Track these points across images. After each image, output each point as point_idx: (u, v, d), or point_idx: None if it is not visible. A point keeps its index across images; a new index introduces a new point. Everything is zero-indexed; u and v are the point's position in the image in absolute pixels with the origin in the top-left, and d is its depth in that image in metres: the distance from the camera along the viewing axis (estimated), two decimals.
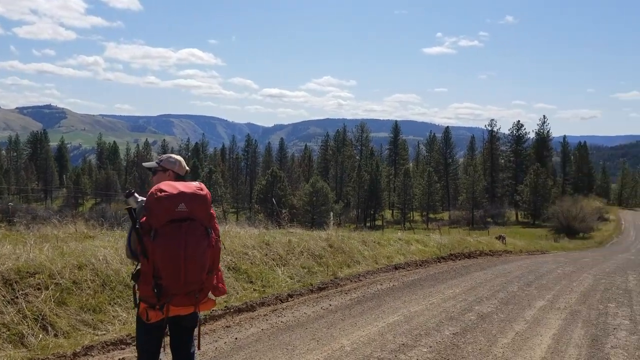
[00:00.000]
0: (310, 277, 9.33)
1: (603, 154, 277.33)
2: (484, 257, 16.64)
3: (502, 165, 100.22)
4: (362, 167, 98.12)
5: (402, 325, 6.41)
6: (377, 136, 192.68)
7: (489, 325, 6.64)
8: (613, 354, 5.58)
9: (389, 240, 14.63)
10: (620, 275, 13.46)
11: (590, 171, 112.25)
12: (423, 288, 9.25)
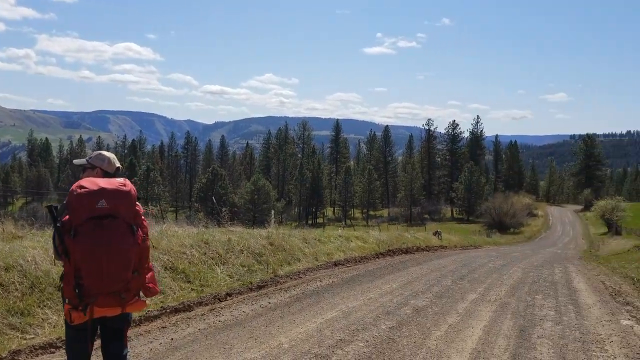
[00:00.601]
0: (250, 275, 9.29)
1: (532, 153, 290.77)
2: (420, 252, 17.09)
3: (439, 164, 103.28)
4: (304, 165, 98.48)
5: (340, 321, 6.51)
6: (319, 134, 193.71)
7: (423, 318, 6.84)
8: (539, 343, 5.87)
9: (329, 238, 14.76)
10: (547, 268, 14.18)
11: (520, 169, 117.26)
12: (361, 284, 9.41)
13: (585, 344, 5.89)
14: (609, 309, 8.02)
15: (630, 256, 20.16)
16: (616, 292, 9.88)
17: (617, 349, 5.71)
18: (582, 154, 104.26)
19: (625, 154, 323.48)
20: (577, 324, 6.84)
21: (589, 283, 11.04)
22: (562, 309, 7.92)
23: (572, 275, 12.64)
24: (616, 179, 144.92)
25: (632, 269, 14.83)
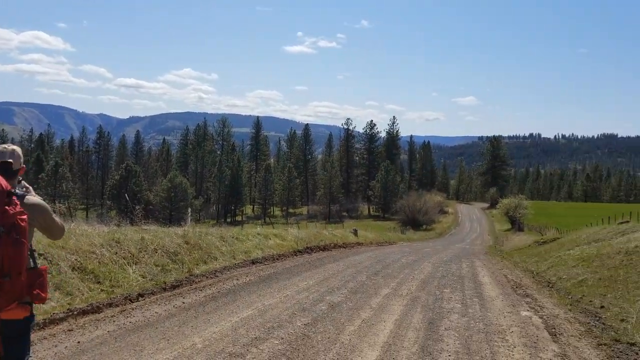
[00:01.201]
0: (164, 275, 9.05)
1: (444, 153, 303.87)
2: (337, 249, 17.40)
3: (357, 162, 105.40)
4: (224, 163, 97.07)
5: (255, 319, 6.50)
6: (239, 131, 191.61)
7: (338, 314, 6.98)
8: (446, 335, 6.17)
9: (247, 236, 14.67)
10: (455, 263, 14.88)
11: (433, 168, 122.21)
12: (279, 281, 9.44)
13: (488, 334, 6.25)
14: (511, 301, 8.56)
15: (530, 251, 21.56)
16: (517, 285, 10.56)
17: (516, 339, 6.11)
18: (489, 154, 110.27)
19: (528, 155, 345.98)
20: (481, 316, 7.25)
21: (493, 277, 11.71)
22: (468, 301, 8.35)
23: (478, 269, 13.35)
24: (519, 178, 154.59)
25: (532, 263, 15.90)
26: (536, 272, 13.52)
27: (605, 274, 11.03)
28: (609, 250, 13.22)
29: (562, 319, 7.31)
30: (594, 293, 9.78)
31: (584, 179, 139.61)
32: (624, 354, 5.80)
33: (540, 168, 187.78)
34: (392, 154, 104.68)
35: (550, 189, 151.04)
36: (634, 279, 10.01)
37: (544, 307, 8.16)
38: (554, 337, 6.26)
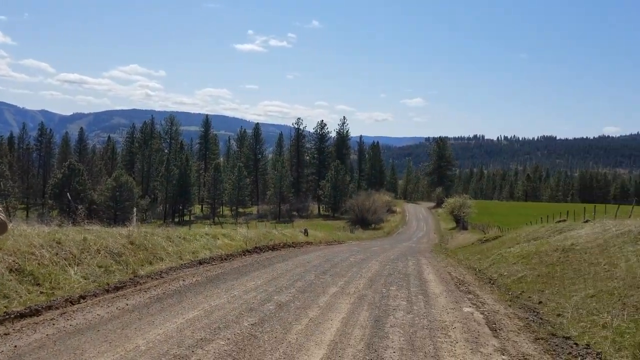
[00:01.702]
0: (107, 276, 8.82)
1: (393, 153, 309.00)
2: (287, 248, 17.40)
3: (307, 162, 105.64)
4: (171, 161, 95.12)
5: (202, 320, 6.43)
6: (188, 130, 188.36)
7: (286, 313, 6.99)
8: (391, 332, 6.29)
9: (195, 236, 14.48)
10: (402, 261, 15.17)
11: (381, 168, 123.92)
12: (226, 281, 9.36)
13: (431, 330, 6.42)
14: (454, 297, 8.80)
15: (474, 249, 22.24)
16: (460, 281, 10.87)
17: (459, 334, 6.29)
18: (435, 155, 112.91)
19: (472, 156, 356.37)
20: (425, 313, 7.43)
21: (437, 274, 12.01)
22: (413, 298, 8.54)
23: (423, 267, 13.65)
24: (464, 178, 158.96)
25: (475, 260, 16.41)
26: (479, 269, 13.95)
27: (543, 271, 11.51)
28: (547, 247, 13.80)
29: (502, 315, 7.59)
30: (532, 289, 10.19)
31: (524, 179, 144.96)
32: (560, 347, 6.08)
33: (484, 168, 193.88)
34: (342, 154, 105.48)
35: (493, 188, 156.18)
36: (570, 275, 10.49)
37: (486, 303, 8.44)
38: (494, 332, 6.49)
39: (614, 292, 8.24)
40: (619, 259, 10.41)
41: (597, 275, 9.80)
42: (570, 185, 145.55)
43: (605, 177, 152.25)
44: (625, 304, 7.55)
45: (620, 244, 11.54)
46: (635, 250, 10.29)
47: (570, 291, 9.25)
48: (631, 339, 5.98)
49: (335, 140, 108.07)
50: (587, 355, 5.80)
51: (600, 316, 7.31)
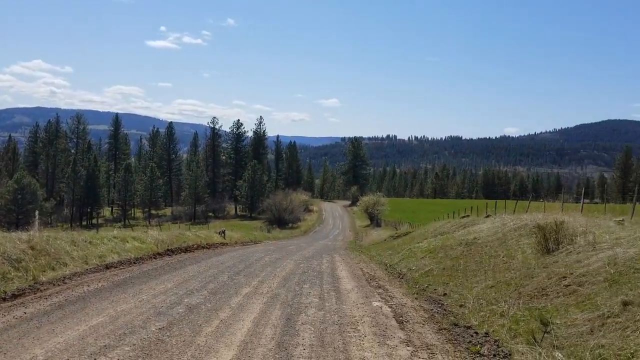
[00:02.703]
0: (4, 283, 8.26)
1: (310, 153, 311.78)
2: (201, 250, 17.07)
3: (223, 162, 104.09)
4: (78, 162, 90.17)
5: (106, 326, 6.17)
6: (96, 129, 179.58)
7: (196, 316, 6.87)
8: (302, 329, 6.35)
9: (102, 239, 13.86)
10: (316, 259, 15.35)
11: (299, 168, 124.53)
12: (134, 285, 9.04)
13: (341, 326, 6.55)
14: (364, 293, 9.04)
15: (386, 245, 22.94)
16: (372, 277, 11.17)
17: (367, 329, 6.47)
18: (351, 154, 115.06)
19: (385, 155, 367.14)
20: (336, 309, 7.57)
21: (350, 271, 12.27)
22: (326, 295, 8.67)
23: (337, 264, 13.91)
24: (378, 177, 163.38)
25: (386, 256, 16.93)
26: (390, 264, 14.41)
27: (448, 264, 12.08)
28: (452, 242, 14.50)
29: (409, 307, 7.89)
30: (438, 282, 10.67)
31: (433, 177, 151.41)
32: (461, 337, 6.41)
33: (396, 167, 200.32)
34: (259, 154, 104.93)
35: (404, 186, 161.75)
36: (472, 268, 11.08)
37: (394, 297, 8.73)
38: (401, 324, 6.73)
39: (511, 283, 8.81)
40: (516, 251, 11.14)
41: (496, 267, 10.43)
42: (475, 183, 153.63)
43: (506, 174, 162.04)
44: (521, 293, 8.09)
45: (517, 237, 12.35)
46: (530, 243, 11.04)
47: (472, 283, 9.78)
48: (525, 325, 6.41)
49: (252, 139, 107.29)
50: (486, 342, 6.16)
51: (498, 305, 7.79)
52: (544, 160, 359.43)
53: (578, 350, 5.31)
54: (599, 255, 8.11)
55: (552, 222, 10.06)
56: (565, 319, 6.31)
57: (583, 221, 10.97)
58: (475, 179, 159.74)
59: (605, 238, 9.52)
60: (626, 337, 5.28)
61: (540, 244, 10.07)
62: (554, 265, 8.70)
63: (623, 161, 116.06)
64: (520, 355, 5.50)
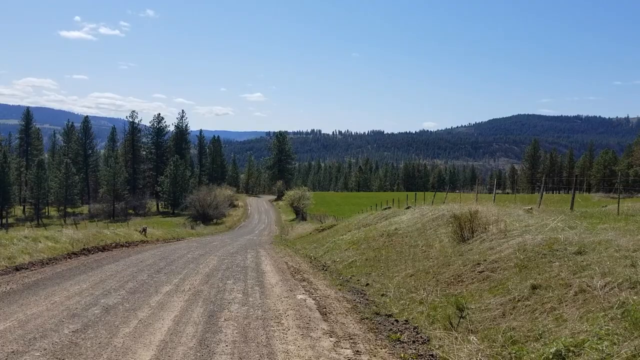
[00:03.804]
0: None
1: (234, 147, 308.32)
2: (120, 249, 16.45)
3: (144, 157, 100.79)
4: None
5: (14, 331, 5.79)
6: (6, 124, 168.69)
7: (113, 317, 6.60)
8: (225, 325, 6.26)
9: (12, 239, 13.04)
10: (241, 254, 15.21)
11: (223, 163, 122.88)
12: (46, 287, 8.55)
13: (265, 320, 6.52)
14: (289, 286, 9.05)
15: (311, 238, 23.10)
16: (296, 270, 11.21)
17: (291, 322, 6.48)
18: (276, 149, 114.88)
19: (310, 150, 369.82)
20: (260, 303, 7.53)
21: (275, 265, 12.25)
22: (250, 290, 8.61)
23: (262, 259, 13.84)
24: (303, 171, 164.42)
25: (311, 249, 17.05)
26: (314, 257, 14.54)
27: (371, 255, 12.35)
28: (374, 233, 14.83)
29: (333, 299, 7.98)
30: (361, 272, 10.88)
31: (357, 171, 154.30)
32: (382, 325, 6.57)
33: (321, 162, 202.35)
34: (182, 149, 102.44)
35: (329, 180, 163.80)
36: (393, 258, 11.39)
37: (318, 289, 8.81)
38: (324, 316, 6.80)
39: (430, 271, 9.13)
40: (434, 240, 11.56)
41: (416, 256, 10.77)
42: (396, 176, 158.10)
43: (425, 167, 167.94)
44: (439, 280, 8.41)
45: (435, 227, 12.82)
46: (447, 232, 11.49)
47: (394, 272, 10.05)
48: (443, 311, 6.66)
49: (174, 134, 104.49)
50: (406, 330, 6.35)
51: (417, 293, 8.05)
52: (460, 153, 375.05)
53: (491, 333, 5.58)
54: (510, 242, 8.57)
55: (467, 212, 10.51)
56: (480, 304, 6.61)
57: (495, 210, 11.53)
58: (396, 172, 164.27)
59: (515, 226, 10.06)
60: (535, 319, 5.60)
61: (456, 233, 10.50)
62: (469, 252, 9.09)
63: (531, 153, 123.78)
64: (438, 340, 5.71)
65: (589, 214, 12.84)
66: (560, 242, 7.76)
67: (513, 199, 19.95)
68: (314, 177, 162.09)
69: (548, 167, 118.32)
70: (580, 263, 6.48)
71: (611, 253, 6.55)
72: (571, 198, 15.49)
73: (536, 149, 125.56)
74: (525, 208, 13.58)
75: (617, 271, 5.71)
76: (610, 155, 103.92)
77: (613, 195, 44.18)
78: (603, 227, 9.00)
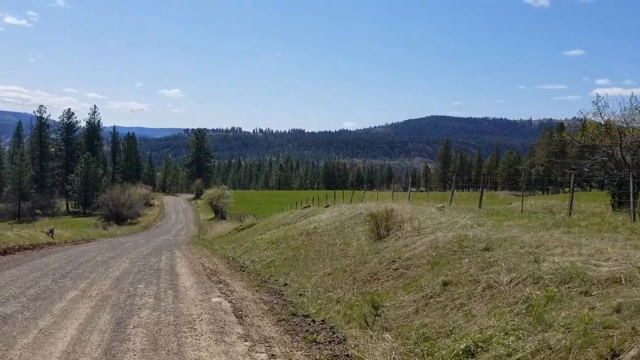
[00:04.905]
0: None
1: (150, 145, 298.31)
2: (23, 251, 15.38)
3: (53, 154, 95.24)
4: None
5: None
6: None
7: (10, 327, 6.09)
8: (134, 333, 5.95)
9: None
10: (155, 256, 14.66)
11: (138, 160, 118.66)
12: None
13: (177, 326, 6.27)
14: (204, 288, 8.80)
15: (230, 238, 22.72)
16: (213, 272, 10.94)
17: (205, 326, 6.27)
18: (194, 146, 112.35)
19: (230, 147, 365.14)
20: (173, 308, 7.24)
21: (190, 266, 11.90)
22: (162, 294, 8.27)
23: (177, 260, 13.41)
24: (222, 169, 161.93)
25: (229, 249, 16.77)
26: (232, 257, 14.29)
27: (290, 254, 12.31)
28: (294, 232, 14.80)
29: (250, 301, 7.84)
30: (279, 272, 10.81)
31: (278, 169, 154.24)
32: (299, 326, 6.51)
33: (241, 160, 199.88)
34: (94, 146, 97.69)
35: (250, 178, 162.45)
36: (312, 257, 11.40)
37: (235, 291, 8.63)
38: (240, 319, 6.65)
39: (347, 269, 9.21)
40: (352, 238, 11.70)
41: (334, 254, 10.85)
42: (317, 174, 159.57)
43: (344, 166, 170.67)
44: (355, 279, 8.49)
45: (353, 225, 12.98)
46: (364, 230, 11.66)
47: (312, 271, 10.05)
48: (359, 310, 6.72)
49: (86, 130, 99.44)
50: (322, 330, 6.33)
51: (335, 292, 8.09)
52: (378, 152, 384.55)
53: (405, 330, 5.68)
54: (423, 240, 8.81)
55: (383, 211, 10.72)
56: (394, 301, 6.73)
57: (410, 208, 11.87)
58: (317, 170, 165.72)
59: (428, 223, 10.38)
60: (446, 315, 5.77)
61: (373, 231, 10.68)
62: (385, 250, 9.26)
63: (443, 153, 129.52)
64: (353, 339, 5.73)
65: (495, 211, 13.51)
66: (469, 239, 8.07)
67: (427, 197, 20.65)
68: (234, 175, 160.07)
69: (459, 166, 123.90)
70: (488, 259, 6.76)
71: (516, 249, 6.88)
72: (479, 196, 16.24)
73: (448, 149, 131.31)
74: (437, 206, 14.07)
75: (522, 267, 6.00)
76: (514, 155, 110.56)
77: (517, 193, 46.96)
78: (509, 224, 9.48)
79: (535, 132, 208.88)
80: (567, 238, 7.21)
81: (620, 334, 3.74)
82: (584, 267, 5.33)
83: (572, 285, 5.05)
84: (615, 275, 4.95)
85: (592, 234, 7.81)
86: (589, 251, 6.10)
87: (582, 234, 7.79)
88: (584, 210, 13.37)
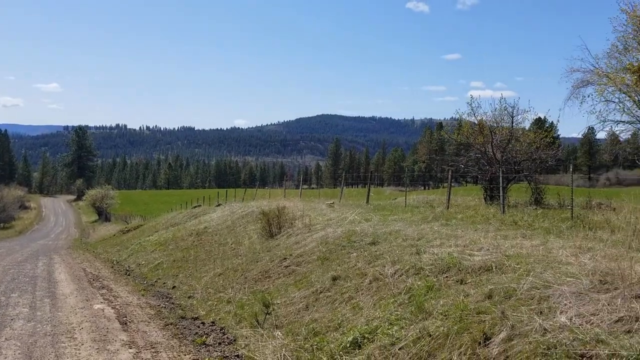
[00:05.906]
0: None
1: (26, 143, 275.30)
2: None
3: None
4: None
5: None
6: None
7: None
8: (6, 346, 5.47)
9: None
10: (31, 262, 13.59)
11: (12, 160, 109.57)
12: None
13: (55, 336, 5.85)
14: (85, 295, 8.29)
15: (114, 240, 21.63)
16: (95, 277, 10.35)
17: (86, 335, 5.91)
18: (75, 145, 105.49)
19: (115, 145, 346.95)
20: (50, 317, 6.75)
21: (70, 272, 11.17)
22: (38, 303, 7.69)
23: (55, 266, 12.53)
24: (106, 169, 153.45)
25: (114, 252, 15.95)
26: (117, 261, 13.61)
27: (179, 256, 11.96)
28: (183, 233, 14.41)
29: (135, 306, 7.51)
30: (168, 275, 10.47)
31: (166, 168, 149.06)
32: (187, 329, 6.35)
33: (127, 158, 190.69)
34: None
35: (136, 178, 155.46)
36: (202, 257, 11.17)
37: (119, 296, 8.23)
38: (124, 325, 6.35)
39: (238, 269, 9.13)
40: (244, 237, 11.62)
41: (225, 254, 10.71)
42: (208, 173, 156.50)
43: (237, 164, 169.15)
44: (247, 278, 8.44)
45: (244, 224, 12.90)
46: (256, 229, 11.64)
47: (202, 272, 9.85)
48: (250, 309, 6.68)
49: None
50: (212, 332, 6.22)
51: (225, 292, 7.98)
52: (270, 150, 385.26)
53: (295, 326, 5.74)
54: (314, 236, 8.97)
55: (275, 208, 10.77)
56: (285, 299, 6.78)
57: (301, 206, 12.01)
58: (208, 169, 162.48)
59: (319, 220, 10.58)
60: (335, 309, 5.91)
61: (264, 229, 10.69)
62: (276, 248, 9.31)
63: (334, 151, 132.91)
64: (244, 339, 5.69)
65: (382, 206, 14.07)
66: (357, 234, 8.34)
67: (318, 194, 21.03)
68: (119, 174, 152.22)
69: (348, 163, 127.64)
70: (375, 253, 7.03)
71: (400, 242, 7.22)
72: (367, 192, 16.83)
73: (338, 147, 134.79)
74: (328, 202, 14.38)
75: (405, 259, 6.30)
76: (399, 153, 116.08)
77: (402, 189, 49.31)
78: (393, 219, 9.91)
79: (418, 131, 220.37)
80: (445, 230, 7.68)
81: (492, 319, 4.05)
82: (459, 257, 5.70)
83: (449, 275, 5.38)
84: (487, 264, 5.35)
85: (467, 226, 8.38)
86: (464, 242, 6.54)
87: (458, 226, 8.34)
88: (460, 204, 14.32)
